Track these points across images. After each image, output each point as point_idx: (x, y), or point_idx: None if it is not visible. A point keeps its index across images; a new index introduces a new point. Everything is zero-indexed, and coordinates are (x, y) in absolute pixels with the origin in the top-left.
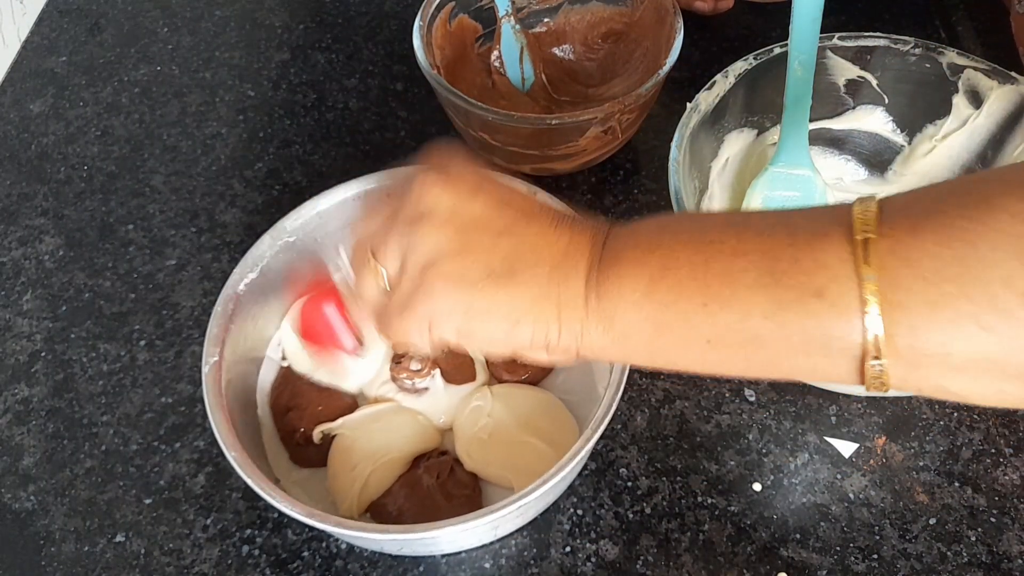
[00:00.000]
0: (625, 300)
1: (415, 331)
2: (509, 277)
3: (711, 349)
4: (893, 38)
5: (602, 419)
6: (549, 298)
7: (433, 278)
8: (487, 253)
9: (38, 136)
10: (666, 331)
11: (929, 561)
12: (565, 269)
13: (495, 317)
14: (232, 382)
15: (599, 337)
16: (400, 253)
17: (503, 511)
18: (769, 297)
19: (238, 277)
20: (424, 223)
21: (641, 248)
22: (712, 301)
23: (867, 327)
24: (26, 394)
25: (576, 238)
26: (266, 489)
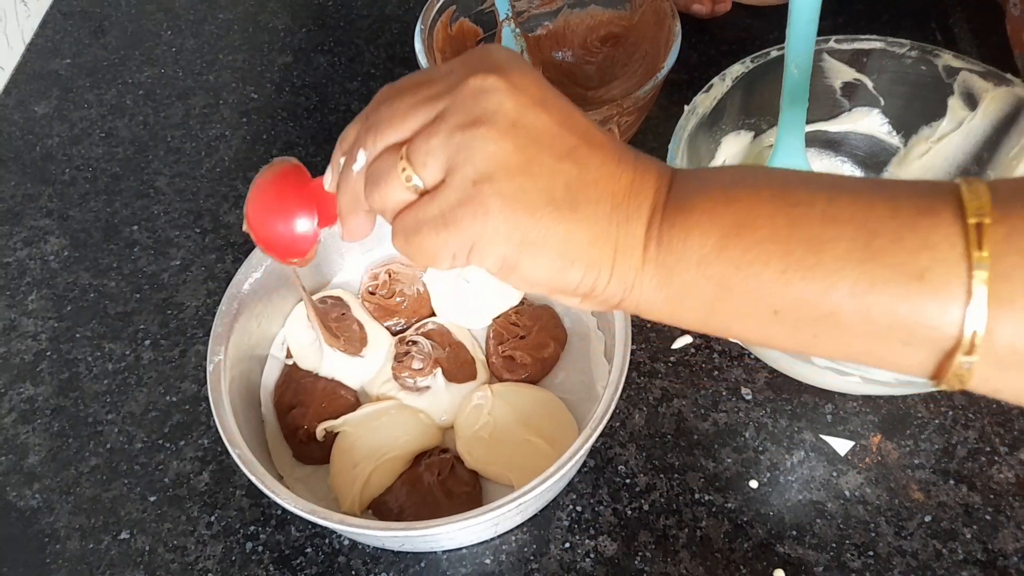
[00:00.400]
0: (691, 254)
1: (450, 252)
2: (570, 209)
3: (777, 321)
4: (889, 40)
5: (601, 418)
6: (608, 239)
7: (489, 194)
8: (550, 177)
9: (43, 138)
10: (731, 295)
11: (924, 558)
12: (627, 209)
13: (548, 253)
14: (236, 380)
15: (652, 291)
16: (446, 159)
17: (503, 509)
18: (861, 273)
19: (243, 276)
20: (482, 128)
21: (715, 198)
22: (793, 269)
23: (968, 319)
24: (31, 393)
25: (641, 175)
26: (269, 486)
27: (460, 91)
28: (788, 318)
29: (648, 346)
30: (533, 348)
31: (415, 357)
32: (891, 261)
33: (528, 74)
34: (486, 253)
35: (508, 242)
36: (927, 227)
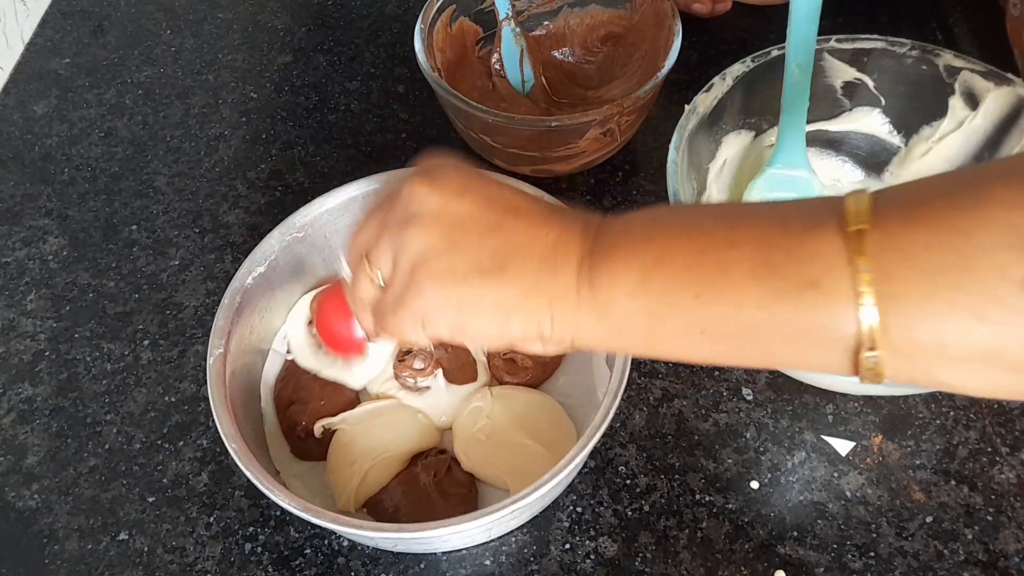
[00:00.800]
0: (619, 291)
1: (408, 327)
2: (498, 272)
3: (705, 340)
4: (890, 40)
5: (599, 425)
6: (539, 291)
7: (422, 276)
8: (475, 249)
9: (42, 137)
10: (661, 322)
11: (926, 559)
12: (555, 262)
13: (485, 311)
14: (236, 374)
15: (593, 328)
16: (392, 254)
17: (495, 515)
18: (763, 287)
19: (246, 271)
20: (412, 224)
21: (635, 239)
22: (706, 291)
23: (861, 318)
24: (30, 393)
25: (566, 231)
26: (264, 481)
27: (399, 198)
28: (714, 336)
29: None
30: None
31: (416, 357)
32: (786, 273)
33: (453, 170)
34: (435, 323)
35: (447, 310)
36: (814, 239)
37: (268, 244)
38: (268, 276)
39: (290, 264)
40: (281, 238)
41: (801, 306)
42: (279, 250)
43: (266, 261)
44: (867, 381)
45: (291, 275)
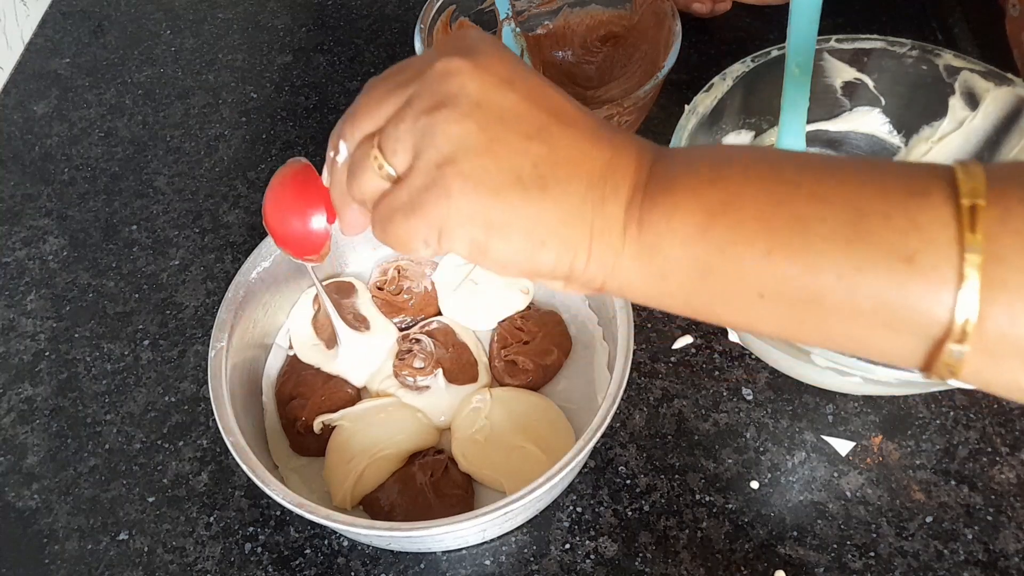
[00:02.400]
0: (673, 234)
1: (420, 238)
2: (539, 189)
3: (761, 303)
4: (890, 40)
5: (596, 430)
6: (582, 220)
7: (451, 176)
8: (516, 156)
9: (42, 137)
10: (714, 277)
11: (926, 559)
12: (604, 189)
13: (517, 234)
14: (238, 367)
15: (633, 273)
16: (413, 144)
17: (489, 516)
18: (847, 253)
19: (251, 265)
20: (445, 111)
21: (700, 177)
22: (778, 249)
23: (958, 305)
24: (30, 393)
25: (619, 155)
26: (259, 475)
27: (427, 75)
28: (772, 302)
29: (648, 346)
30: (536, 354)
31: (417, 356)
32: (879, 242)
33: (496, 54)
34: (454, 237)
35: (474, 224)
36: (917, 208)
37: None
38: (273, 271)
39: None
40: None
41: (888, 282)
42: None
43: (271, 256)
44: (933, 377)
45: (296, 270)
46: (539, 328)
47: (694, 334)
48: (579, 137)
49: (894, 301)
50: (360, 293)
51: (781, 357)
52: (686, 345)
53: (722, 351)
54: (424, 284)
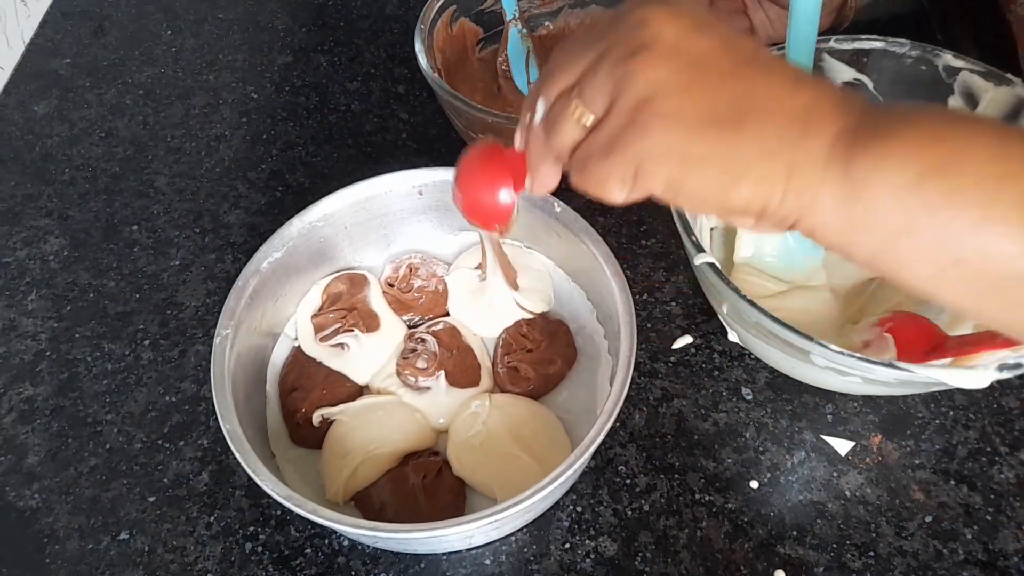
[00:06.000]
0: (884, 182)
1: (617, 177)
2: (736, 124)
3: (952, 273)
4: (889, 40)
5: (588, 446)
6: (779, 156)
7: (648, 116)
8: (712, 94)
9: (42, 137)
10: (915, 233)
11: (925, 559)
12: (806, 126)
13: (713, 169)
14: (243, 356)
15: (831, 212)
16: (611, 89)
17: (473, 524)
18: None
19: (262, 255)
20: (642, 56)
21: (923, 130)
22: (994, 221)
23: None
24: (31, 393)
25: (821, 96)
26: (250, 464)
27: (621, 26)
28: (967, 271)
29: (648, 346)
30: (539, 363)
31: (421, 356)
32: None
33: (688, 2)
34: (650, 174)
35: (669, 160)
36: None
37: (288, 230)
38: (285, 261)
39: (309, 251)
40: (301, 224)
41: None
42: (298, 237)
43: (284, 247)
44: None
45: (309, 262)
46: (544, 337)
47: (694, 334)
48: (777, 79)
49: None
50: (372, 287)
51: (781, 357)
52: (686, 345)
53: (722, 351)
54: (435, 284)
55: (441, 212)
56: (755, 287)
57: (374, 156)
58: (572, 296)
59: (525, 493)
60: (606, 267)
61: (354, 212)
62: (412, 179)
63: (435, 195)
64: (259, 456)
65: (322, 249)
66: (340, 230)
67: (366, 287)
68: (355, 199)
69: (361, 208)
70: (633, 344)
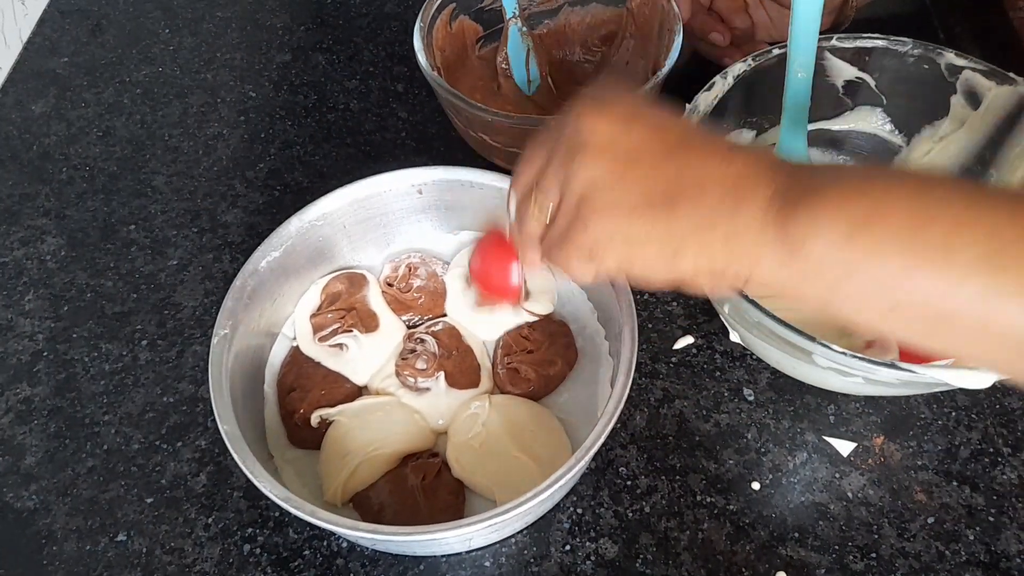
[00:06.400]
0: (820, 238)
1: (575, 260)
2: (668, 205)
3: (894, 314)
4: (891, 39)
5: (589, 448)
6: (715, 226)
7: (588, 211)
8: (645, 181)
9: (40, 137)
10: (852, 283)
11: (927, 560)
12: (737, 197)
13: (654, 246)
14: (241, 355)
15: (775, 271)
16: (558, 186)
17: (473, 527)
18: (987, 282)
19: (260, 255)
20: (580, 155)
21: (847, 187)
22: (920, 267)
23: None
24: (28, 393)
25: (752, 165)
26: (248, 465)
27: (564, 131)
28: (905, 313)
29: (649, 347)
30: (539, 364)
31: (420, 356)
32: (1019, 277)
33: (620, 99)
34: (603, 258)
35: (614, 243)
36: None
37: (286, 230)
38: (283, 261)
39: (308, 251)
40: (300, 224)
41: (1020, 315)
42: (296, 236)
43: (282, 246)
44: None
45: (308, 261)
46: (545, 338)
47: (695, 335)
48: (707, 155)
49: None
50: (371, 287)
51: (782, 357)
52: (687, 346)
53: (723, 351)
54: (434, 283)
55: (440, 211)
56: None
57: (373, 155)
58: (573, 297)
59: (525, 495)
60: None
61: (353, 211)
62: (411, 178)
63: (434, 194)
64: (257, 457)
65: (321, 248)
66: (339, 229)
67: (365, 287)
68: (354, 198)
69: (360, 207)
70: (634, 345)
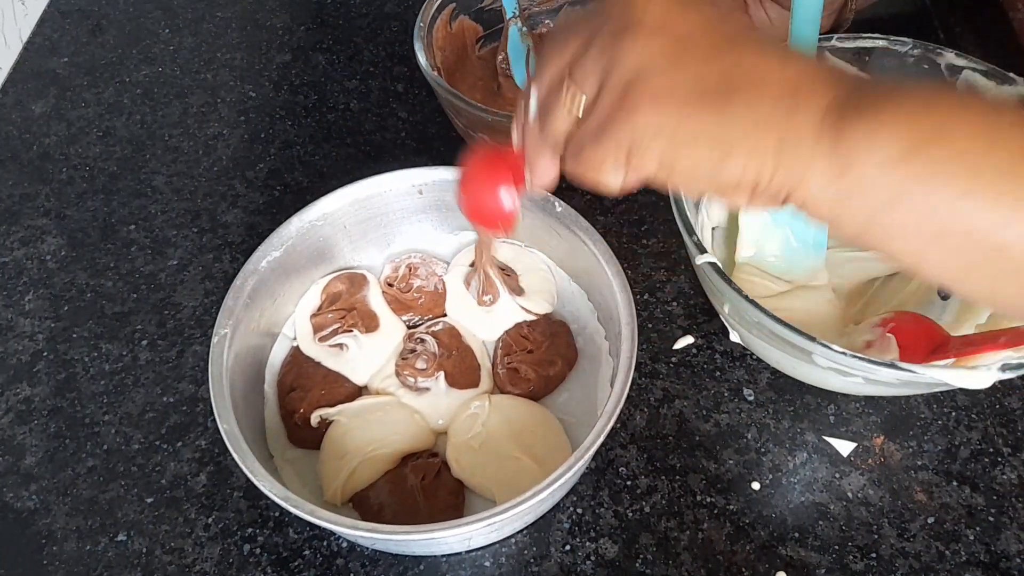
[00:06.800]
0: (875, 153)
1: (611, 160)
2: (724, 98)
3: (936, 245)
4: (891, 39)
5: (588, 448)
6: (769, 129)
7: (638, 95)
8: (700, 69)
9: (40, 137)
10: (903, 205)
11: (927, 560)
12: (795, 99)
13: (703, 145)
14: (241, 355)
15: (823, 187)
16: (601, 70)
17: (472, 526)
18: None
19: (261, 254)
20: (630, 34)
21: (913, 101)
22: (978, 191)
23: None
24: (28, 393)
25: (811, 70)
26: (248, 464)
27: (608, 8)
28: (953, 243)
29: (649, 347)
30: (539, 364)
31: (420, 356)
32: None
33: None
34: (643, 154)
35: (660, 138)
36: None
37: (287, 229)
38: (284, 261)
39: (308, 251)
40: (300, 224)
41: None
42: (297, 236)
43: (283, 246)
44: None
45: (308, 261)
46: (545, 338)
47: (695, 335)
48: (765, 51)
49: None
50: (371, 287)
51: (782, 357)
52: (687, 345)
53: (723, 351)
54: (434, 283)
55: (441, 211)
56: (757, 287)
57: (373, 155)
58: (573, 297)
59: (524, 495)
60: (607, 267)
61: (353, 211)
62: (411, 178)
63: (435, 194)
64: (257, 457)
65: (321, 248)
66: (339, 229)
67: (365, 287)
68: (354, 198)
69: (360, 207)
70: (634, 345)
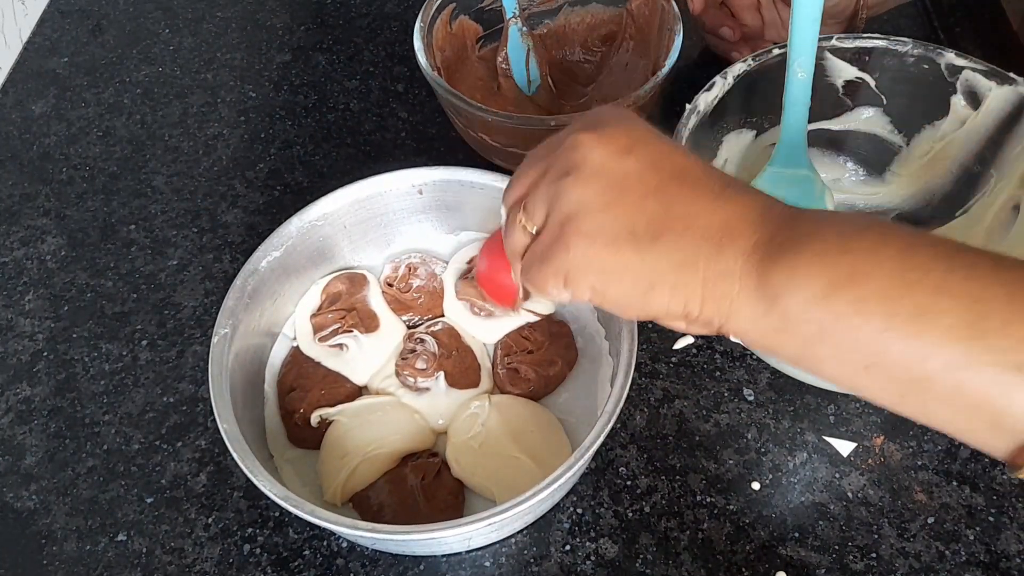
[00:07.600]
0: (796, 294)
1: (551, 283)
2: (649, 241)
3: (867, 375)
4: (891, 39)
5: (588, 448)
6: (694, 267)
7: (571, 233)
8: (631, 213)
9: (40, 137)
10: (827, 341)
11: (927, 560)
12: (720, 242)
13: (628, 280)
14: (241, 355)
15: (753, 320)
16: (547, 204)
17: (472, 526)
18: (962, 350)
19: (261, 254)
20: (571, 176)
21: (828, 245)
22: (894, 331)
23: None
24: (28, 393)
25: (741, 212)
26: (248, 464)
27: (560, 149)
28: (880, 375)
29: (649, 347)
30: (539, 364)
31: (420, 356)
32: (995, 346)
33: (622, 125)
34: (577, 282)
35: (590, 271)
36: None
37: (287, 229)
38: (284, 261)
39: (308, 251)
40: (300, 224)
41: (995, 384)
42: (297, 236)
43: (283, 246)
44: (1021, 476)
45: (308, 261)
46: (545, 338)
47: (695, 334)
48: (697, 194)
49: (996, 401)
50: (371, 287)
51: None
52: (687, 345)
53: (723, 351)
54: (434, 283)
55: (441, 211)
56: None
57: (373, 155)
58: None
59: (524, 495)
60: None
61: (353, 211)
62: (411, 178)
63: (435, 194)
64: (257, 457)
65: (321, 248)
66: (339, 229)
67: (365, 287)
68: (354, 198)
69: (360, 207)
70: (634, 345)
